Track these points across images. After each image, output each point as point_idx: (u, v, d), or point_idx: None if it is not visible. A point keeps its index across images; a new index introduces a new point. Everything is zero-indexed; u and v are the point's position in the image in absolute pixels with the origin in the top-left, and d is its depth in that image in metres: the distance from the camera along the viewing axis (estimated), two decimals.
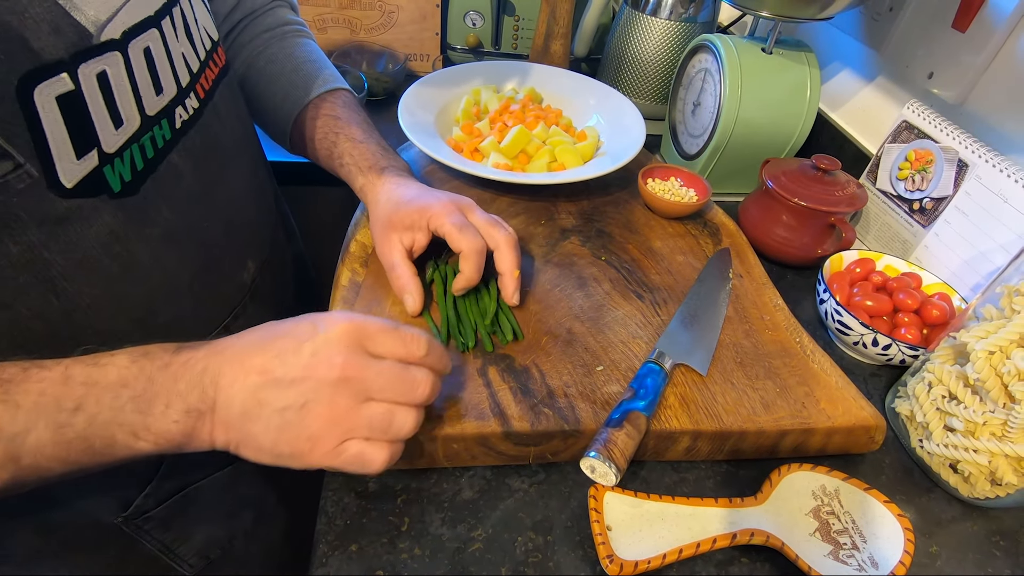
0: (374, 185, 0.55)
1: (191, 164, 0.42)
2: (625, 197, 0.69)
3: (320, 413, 0.34)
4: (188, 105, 0.42)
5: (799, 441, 0.46)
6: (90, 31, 0.33)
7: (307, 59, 0.61)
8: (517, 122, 0.70)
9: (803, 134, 0.72)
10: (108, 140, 0.35)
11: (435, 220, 0.50)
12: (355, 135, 0.58)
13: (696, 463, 0.46)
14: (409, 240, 0.51)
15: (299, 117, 0.59)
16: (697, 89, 0.77)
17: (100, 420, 0.31)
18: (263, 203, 0.56)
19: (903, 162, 0.64)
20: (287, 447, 0.34)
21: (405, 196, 0.52)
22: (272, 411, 0.33)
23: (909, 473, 0.48)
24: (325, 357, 0.34)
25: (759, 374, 0.49)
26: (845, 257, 0.61)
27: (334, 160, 0.58)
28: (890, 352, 0.53)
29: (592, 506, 0.41)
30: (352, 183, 0.57)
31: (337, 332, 0.35)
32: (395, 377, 0.35)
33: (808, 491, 0.44)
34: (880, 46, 0.71)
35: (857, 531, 0.42)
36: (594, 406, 0.44)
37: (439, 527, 0.40)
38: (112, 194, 0.36)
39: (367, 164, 0.56)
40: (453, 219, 0.49)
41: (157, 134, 0.39)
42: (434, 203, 0.51)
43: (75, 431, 0.31)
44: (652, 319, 0.52)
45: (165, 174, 0.39)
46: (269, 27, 0.61)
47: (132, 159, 0.37)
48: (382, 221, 0.52)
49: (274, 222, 0.59)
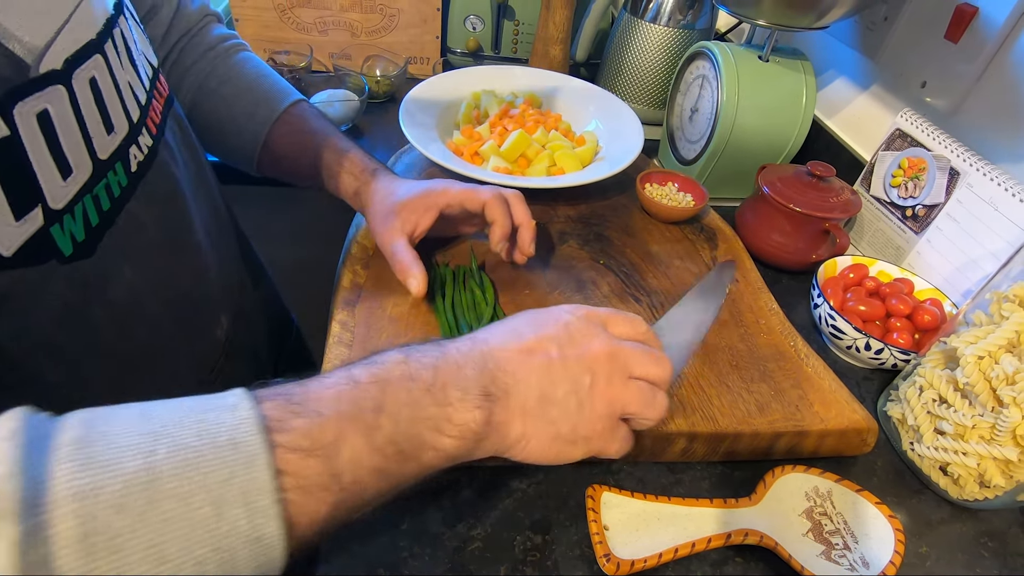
0: (369, 186, 0.55)
1: (153, 213, 0.38)
2: (623, 201, 0.70)
3: (602, 391, 0.32)
4: (142, 144, 0.37)
5: (793, 443, 0.47)
6: (27, 62, 0.28)
7: (259, 74, 0.59)
8: (517, 126, 0.71)
9: (799, 141, 0.73)
10: (55, 193, 0.29)
11: (443, 196, 0.51)
12: (338, 145, 0.57)
13: (692, 464, 0.47)
14: (411, 225, 0.51)
15: (269, 136, 0.56)
16: (695, 95, 0.78)
17: (404, 417, 0.28)
18: (227, 246, 0.52)
19: (896, 169, 0.65)
20: (585, 429, 0.32)
21: (405, 186, 0.53)
22: (567, 392, 0.32)
23: (900, 475, 0.49)
24: (588, 335, 0.33)
25: (754, 377, 0.49)
26: (839, 262, 0.62)
27: (321, 171, 0.56)
28: (882, 356, 0.53)
29: (590, 506, 0.42)
30: (345, 191, 0.56)
31: (580, 313, 0.35)
32: (643, 353, 0.34)
33: (801, 492, 0.45)
34: (875, 55, 0.72)
35: (849, 532, 0.43)
36: None
37: (439, 526, 0.41)
38: (63, 258, 0.31)
39: (358, 169, 0.56)
40: (460, 186, 0.51)
41: (112, 180, 0.34)
42: (435, 184, 0.52)
43: (384, 435, 0.27)
44: (650, 322, 0.53)
45: (125, 227, 0.35)
46: (210, 46, 0.57)
47: (85, 214, 0.32)
48: (383, 211, 0.52)
49: (241, 265, 0.56)
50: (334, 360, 0.46)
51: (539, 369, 0.32)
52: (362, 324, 0.49)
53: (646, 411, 0.34)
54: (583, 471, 0.45)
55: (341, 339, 0.47)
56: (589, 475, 0.45)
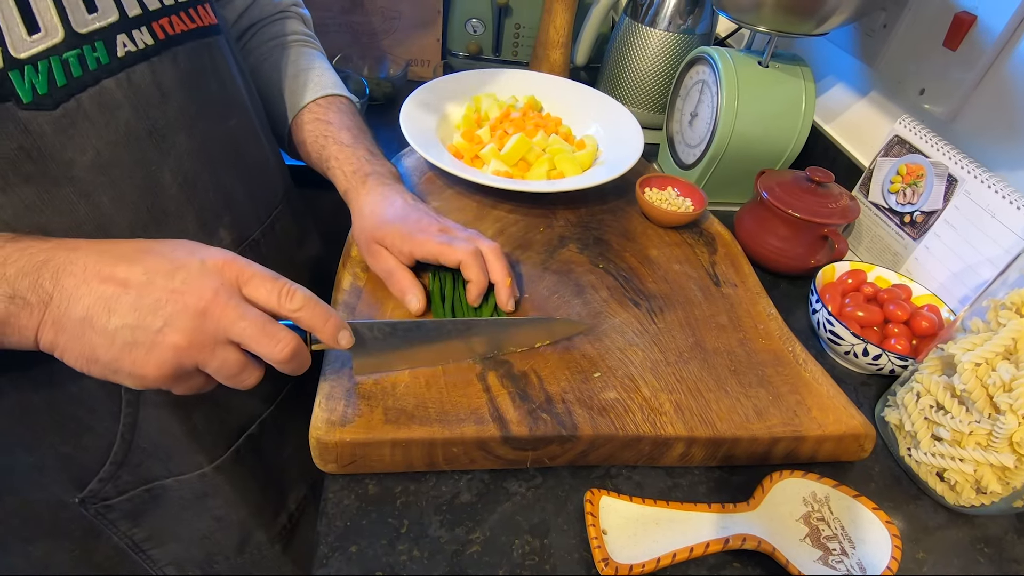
0: (357, 192, 0.55)
1: (134, 99, 0.39)
2: (622, 205, 0.70)
3: (175, 341, 0.33)
4: (137, 38, 0.39)
5: (791, 448, 0.47)
6: None
7: (308, 66, 0.61)
8: (517, 130, 0.71)
9: (798, 146, 0.74)
10: (16, 43, 0.32)
11: (418, 249, 0.50)
12: (343, 139, 0.57)
13: (690, 468, 0.47)
14: (396, 254, 0.51)
15: (295, 120, 0.59)
16: (695, 100, 0.78)
17: None
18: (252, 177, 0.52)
19: (895, 176, 0.66)
20: (129, 366, 0.33)
21: (387, 214, 0.52)
22: (123, 326, 0.32)
23: (897, 481, 0.49)
24: (197, 286, 0.34)
25: (752, 382, 0.50)
26: (837, 268, 0.62)
27: (323, 163, 0.58)
28: (880, 362, 0.54)
29: (588, 510, 0.42)
30: (337, 187, 0.57)
31: (216, 264, 0.35)
32: (259, 327, 0.35)
33: (799, 497, 0.45)
34: (874, 61, 0.72)
35: (846, 537, 0.43)
36: (591, 412, 0.45)
37: (437, 529, 0.41)
38: (21, 104, 0.33)
39: (351, 169, 0.56)
40: (437, 239, 0.49)
41: (89, 54, 0.36)
42: (415, 230, 0.50)
43: None
44: (648, 327, 0.53)
45: (97, 98, 0.37)
46: (275, 35, 0.61)
47: (51, 71, 0.34)
48: (366, 235, 0.52)
49: (272, 206, 0.56)
50: (334, 363, 0.46)
51: (101, 295, 0.32)
52: None
53: (229, 380, 0.36)
54: (581, 475, 0.46)
55: None
56: (588, 479, 0.45)
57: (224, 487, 0.53)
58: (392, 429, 0.41)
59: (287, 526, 0.62)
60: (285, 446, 0.60)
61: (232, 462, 0.53)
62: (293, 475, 0.62)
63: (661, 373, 0.49)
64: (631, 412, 0.45)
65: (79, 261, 0.33)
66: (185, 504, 0.53)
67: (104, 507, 0.49)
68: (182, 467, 0.51)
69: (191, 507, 0.53)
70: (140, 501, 0.50)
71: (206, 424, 0.50)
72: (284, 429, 0.59)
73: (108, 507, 0.49)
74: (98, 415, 0.45)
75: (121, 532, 0.51)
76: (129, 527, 0.52)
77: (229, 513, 0.55)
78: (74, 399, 0.44)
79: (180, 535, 0.55)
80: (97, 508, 0.49)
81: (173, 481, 0.51)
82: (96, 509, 0.49)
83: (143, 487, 0.50)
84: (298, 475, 0.63)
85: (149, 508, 0.51)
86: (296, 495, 0.63)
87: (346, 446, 0.41)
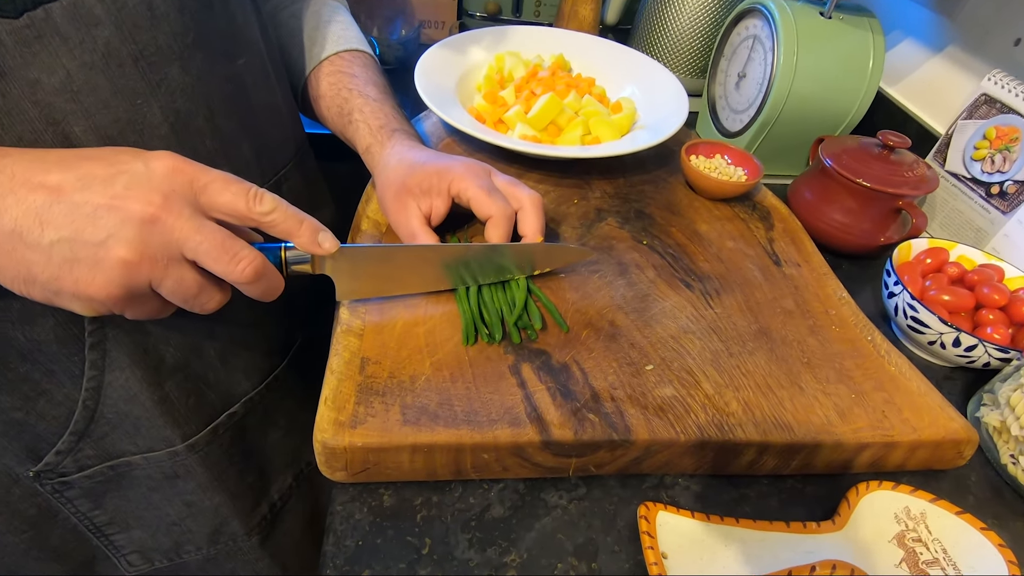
0: (382, 146, 0.50)
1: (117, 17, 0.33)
2: (664, 175, 0.63)
3: (121, 256, 0.29)
4: None
5: (878, 456, 0.40)
6: None
7: (331, 19, 0.56)
8: (546, 90, 0.63)
9: (861, 109, 0.65)
10: None
11: (457, 183, 0.45)
12: (370, 93, 0.52)
13: (756, 478, 0.40)
14: (427, 206, 0.46)
15: (312, 73, 0.54)
16: (743, 59, 0.70)
17: None
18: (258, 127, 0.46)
19: (981, 140, 0.57)
20: (71, 286, 0.29)
21: (418, 158, 0.47)
22: (60, 240, 0.28)
23: (998, 492, 0.42)
24: (143, 192, 0.29)
25: (830, 377, 0.42)
26: (914, 246, 0.54)
27: (344, 117, 0.52)
28: (973, 354, 0.46)
29: (644, 529, 0.35)
30: (358, 143, 0.52)
31: (165, 168, 0.30)
32: (218, 242, 0.31)
33: (890, 514, 0.38)
34: (952, 12, 0.64)
35: (950, 562, 0.36)
36: (646, 412, 0.38)
37: (466, 550, 0.35)
38: None
39: (378, 123, 0.51)
40: (479, 182, 0.45)
41: None
42: (454, 165, 0.46)
43: None
44: (704, 312, 0.46)
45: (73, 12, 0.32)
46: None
47: None
48: (394, 185, 0.47)
49: (280, 163, 0.50)
50: (342, 352, 0.39)
51: (31, 205, 0.28)
52: (374, 311, 0.42)
53: (187, 303, 0.33)
54: (631, 484, 0.39)
55: (351, 327, 0.41)
56: (639, 489, 0.39)
57: (197, 469, 0.48)
58: (412, 432, 0.35)
59: (267, 517, 0.56)
60: (272, 430, 0.54)
61: (208, 442, 0.47)
62: (278, 463, 0.56)
63: (724, 366, 0.42)
64: (692, 412, 0.38)
65: (6, 169, 0.28)
66: (153, 485, 0.47)
67: (61, 483, 0.44)
68: (151, 442, 0.45)
69: (159, 489, 0.48)
70: (103, 479, 0.45)
71: (181, 395, 0.44)
72: (272, 411, 0.53)
73: (66, 484, 0.44)
74: (56, 378, 0.39)
75: (80, 513, 0.46)
76: (89, 508, 0.46)
77: (202, 499, 0.50)
78: (26, 357, 0.38)
79: (146, 520, 0.49)
80: (54, 484, 0.44)
81: (140, 458, 0.45)
82: (52, 486, 0.44)
83: (106, 463, 0.44)
84: (284, 463, 0.57)
85: (112, 488, 0.46)
86: (280, 485, 0.57)
87: (358, 452, 0.34)
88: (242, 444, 0.51)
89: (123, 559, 0.51)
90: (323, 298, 0.61)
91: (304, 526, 0.62)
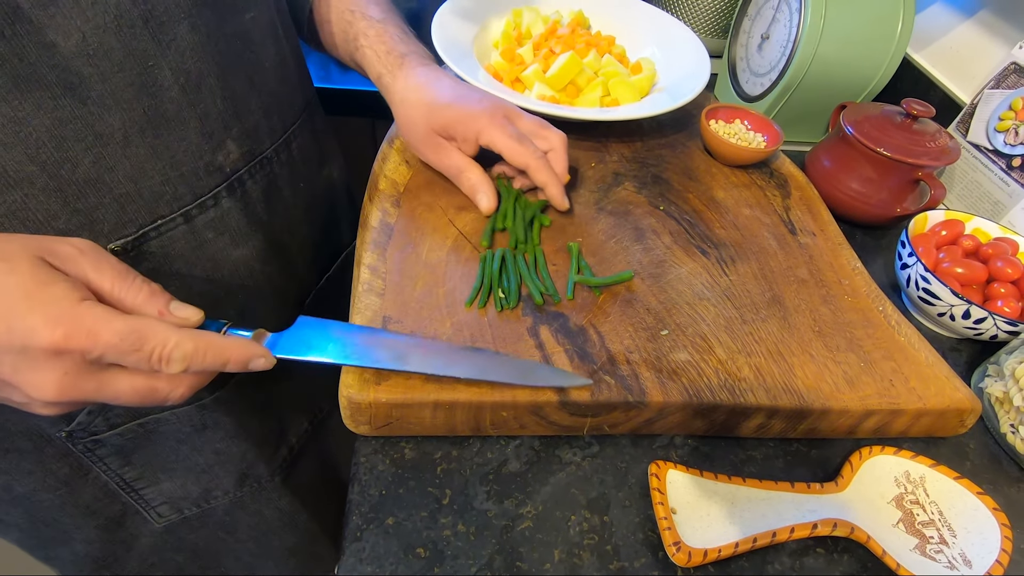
0: (394, 76, 0.49)
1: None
2: (682, 140, 0.62)
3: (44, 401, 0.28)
4: None
5: (883, 422, 0.41)
6: None
7: None
8: (566, 48, 0.62)
9: (887, 75, 0.64)
10: None
11: (486, 135, 0.45)
12: (372, 13, 0.51)
13: (763, 440, 0.42)
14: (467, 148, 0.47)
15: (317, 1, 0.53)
16: (767, 19, 0.68)
17: None
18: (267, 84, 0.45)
19: (1006, 111, 0.56)
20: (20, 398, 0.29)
21: (440, 97, 0.47)
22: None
23: (996, 460, 0.44)
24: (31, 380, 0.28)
25: (840, 345, 0.43)
26: (930, 217, 0.54)
27: (351, 44, 0.51)
28: (982, 326, 0.47)
29: (655, 485, 0.37)
30: (369, 71, 0.51)
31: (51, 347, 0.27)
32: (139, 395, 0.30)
33: (890, 477, 0.40)
34: None
35: (945, 524, 0.38)
36: (660, 375, 0.39)
37: (484, 501, 0.36)
38: None
39: (384, 49, 0.50)
40: (507, 130, 0.45)
41: None
42: (478, 111, 0.46)
43: None
44: (719, 279, 0.47)
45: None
46: None
47: None
48: (419, 128, 0.47)
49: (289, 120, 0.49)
50: (364, 311, 0.40)
51: None
52: (395, 271, 0.43)
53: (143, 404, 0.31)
54: (643, 444, 0.40)
55: (372, 287, 0.41)
56: (650, 449, 0.40)
57: (224, 419, 0.50)
58: (435, 389, 0.36)
59: (287, 459, 0.59)
60: (289, 380, 0.56)
61: (233, 394, 0.49)
62: (296, 409, 0.59)
63: (737, 332, 0.43)
64: (705, 376, 0.39)
65: None
66: (182, 438, 0.49)
67: (93, 442, 0.45)
68: None
69: (188, 440, 0.50)
70: (132, 436, 0.47)
71: None
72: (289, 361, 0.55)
73: (97, 442, 0.45)
74: None
75: (111, 471, 0.48)
76: (120, 465, 0.48)
77: (230, 446, 0.52)
78: None
79: (175, 471, 0.51)
80: (85, 444, 0.45)
81: (170, 414, 0.47)
82: (84, 445, 0.45)
83: (136, 421, 0.46)
84: (300, 409, 0.60)
85: (142, 443, 0.48)
86: (296, 429, 0.60)
87: (382, 407, 0.35)
88: (263, 394, 0.53)
89: (152, 511, 0.53)
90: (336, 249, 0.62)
91: (318, 466, 0.65)
